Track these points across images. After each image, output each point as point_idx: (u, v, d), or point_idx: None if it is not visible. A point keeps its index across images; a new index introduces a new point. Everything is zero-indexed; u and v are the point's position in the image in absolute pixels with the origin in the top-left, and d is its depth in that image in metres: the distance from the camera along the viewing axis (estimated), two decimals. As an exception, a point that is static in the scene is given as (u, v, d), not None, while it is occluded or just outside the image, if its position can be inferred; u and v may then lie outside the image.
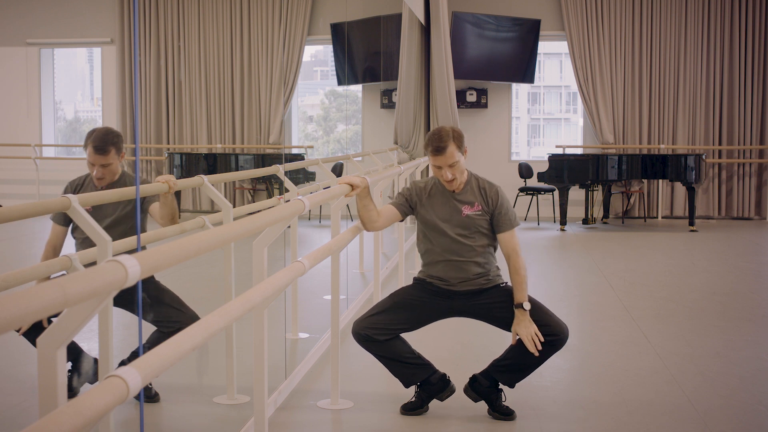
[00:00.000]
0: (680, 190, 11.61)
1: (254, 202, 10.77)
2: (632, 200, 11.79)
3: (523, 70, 11.85)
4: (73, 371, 3.61)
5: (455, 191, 3.63)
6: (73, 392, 3.53)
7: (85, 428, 1.38)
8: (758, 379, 4.26)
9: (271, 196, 9.91)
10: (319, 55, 16.06)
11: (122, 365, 2.29)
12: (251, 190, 11.15)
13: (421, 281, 3.68)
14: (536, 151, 23.77)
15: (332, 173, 6.41)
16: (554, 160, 10.55)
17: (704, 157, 10.50)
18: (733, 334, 5.14)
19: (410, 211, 3.72)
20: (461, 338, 4.96)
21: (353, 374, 4.22)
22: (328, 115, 16.88)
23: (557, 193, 10.68)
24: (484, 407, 3.66)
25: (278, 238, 3.10)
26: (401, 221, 3.86)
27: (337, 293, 3.84)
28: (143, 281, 2.12)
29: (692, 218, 10.39)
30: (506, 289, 3.60)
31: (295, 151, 12.53)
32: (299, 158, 10.70)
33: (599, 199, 11.53)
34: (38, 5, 11.39)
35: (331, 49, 12.18)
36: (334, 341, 3.79)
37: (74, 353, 3.61)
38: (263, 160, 10.25)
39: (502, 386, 3.64)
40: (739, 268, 7.83)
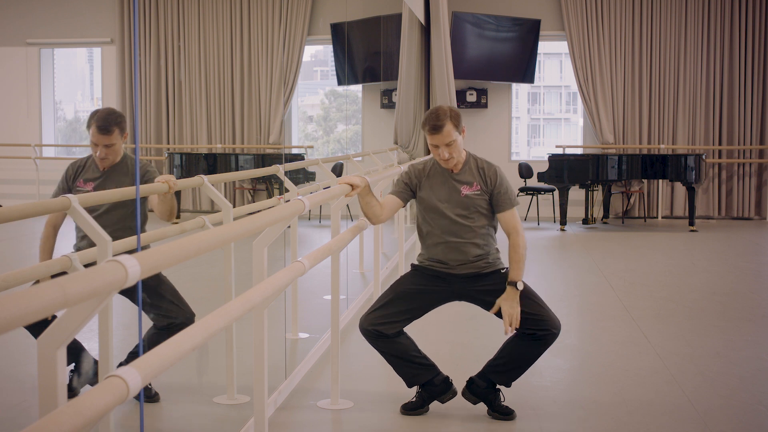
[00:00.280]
0: (680, 190, 11.61)
1: (254, 202, 10.77)
2: (632, 200, 11.79)
3: (523, 70, 11.85)
4: (74, 371, 3.61)
5: (453, 171, 3.61)
6: (73, 392, 3.53)
7: (85, 428, 1.38)
8: (758, 379, 4.26)
9: (271, 196, 9.91)
10: (319, 55, 16.07)
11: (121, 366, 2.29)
12: (251, 190, 11.15)
13: (419, 267, 3.67)
14: (536, 151, 23.80)
15: (332, 173, 6.41)
16: (554, 160, 10.55)
17: (704, 157, 10.50)
18: (733, 334, 5.14)
19: (412, 195, 3.69)
20: (461, 338, 4.96)
21: (353, 374, 4.22)
22: (328, 115, 16.89)
23: (557, 193, 10.68)
24: (483, 407, 3.66)
25: (278, 238, 3.10)
26: (404, 207, 3.84)
27: (337, 293, 3.84)
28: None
29: (692, 218, 10.39)
30: (506, 275, 3.54)
31: (295, 151, 12.53)
32: (299, 158, 10.69)
33: (599, 199, 11.53)
34: (38, 5, 11.38)
35: (331, 49, 12.18)
36: (334, 341, 3.79)
37: (76, 353, 3.60)
38: (263, 160, 10.24)
39: (499, 386, 3.64)
40: (739, 268, 7.83)
